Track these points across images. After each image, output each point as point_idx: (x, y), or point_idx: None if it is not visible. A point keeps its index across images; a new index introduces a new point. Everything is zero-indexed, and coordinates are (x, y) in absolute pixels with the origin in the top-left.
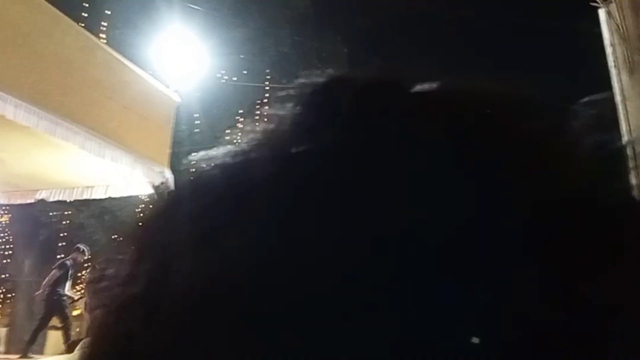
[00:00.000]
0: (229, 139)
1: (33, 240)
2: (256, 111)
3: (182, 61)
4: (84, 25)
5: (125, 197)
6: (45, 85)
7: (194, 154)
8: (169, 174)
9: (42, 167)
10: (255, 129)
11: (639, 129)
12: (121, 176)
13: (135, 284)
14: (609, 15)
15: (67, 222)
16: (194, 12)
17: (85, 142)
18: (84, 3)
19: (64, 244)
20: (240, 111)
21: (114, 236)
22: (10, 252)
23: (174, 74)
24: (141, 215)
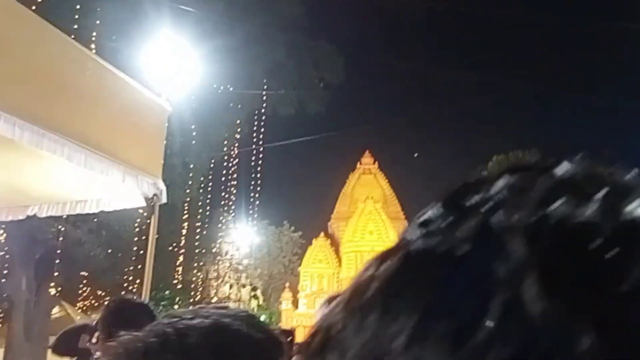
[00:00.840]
0: (226, 150)
1: (29, 258)
2: (254, 121)
3: (174, 69)
4: (73, 35)
5: (123, 211)
6: (30, 95)
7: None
8: (162, 185)
9: (31, 181)
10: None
11: None
12: (113, 189)
13: None
14: None
15: (63, 239)
16: (185, 20)
17: (72, 154)
18: (73, 13)
19: (60, 261)
20: (237, 121)
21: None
22: (6, 271)
23: (165, 82)
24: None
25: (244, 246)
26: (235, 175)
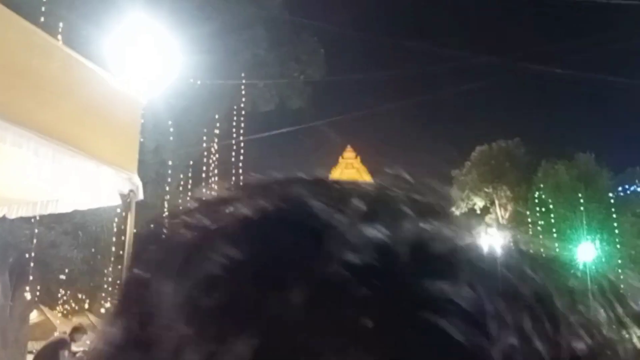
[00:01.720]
0: (206, 146)
1: (2, 263)
2: (234, 116)
3: (148, 60)
4: (39, 24)
5: (100, 211)
6: None
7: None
8: (137, 180)
9: None
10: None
11: None
12: (86, 186)
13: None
14: None
15: (37, 242)
16: (161, 12)
17: (39, 148)
18: (40, 4)
19: (35, 265)
20: (216, 116)
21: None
22: None
23: (139, 74)
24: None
25: None
26: (216, 172)
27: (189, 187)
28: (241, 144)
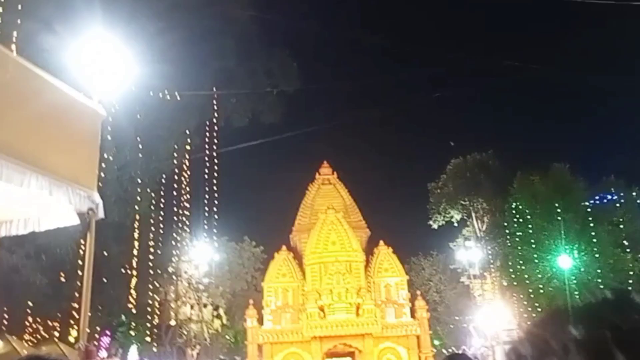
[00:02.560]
0: (177, 162)
1: None
2: (206, 132)
3: (109, 71)
4: None
5: (63, 232)
6: None
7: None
8: (97, 198)
9: None
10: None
11: None
12: (42, 205)
13: None
14: None
15: None
16: (126, 22)
17: None
18: None
19: None
20: (186, 131)
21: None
22: None
23: (98, 85)
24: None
25: (203, 264)
26: (189, 189)
27: (162, 204)
28: (214, 159)
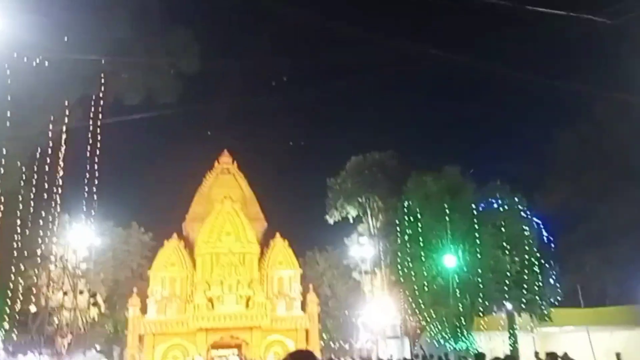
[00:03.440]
0: (53, 136)
1: None
2: (92, 105)
3: None
4: None
5: None
6: None
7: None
8: None
9: None
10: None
11: None
12: None
13: None
14: None
15: None
16: None
17: None
18: None
19: None
20: (65, 102)
21: None
22: None
23: None
24: None
25: (82, 249)
26: (65, 166)
27: (34, 180)
28: (97, 136)
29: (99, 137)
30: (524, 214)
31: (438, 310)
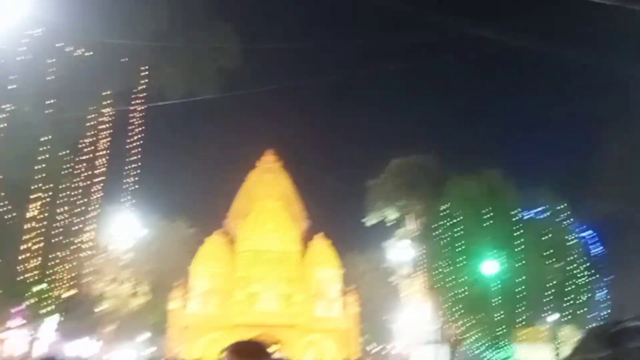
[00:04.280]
0: (98, 127)
1: None
2: (132, 99)
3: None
4: None
5: None
6: None
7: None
8: None
9: None
10: None
11: None
12: None
13: None
14: None
15: None
16: None
17: None
18: None
19: None
20: (104, 93)
21: None
22: None
23: None
24: None
25: (127, 240)
26: (108, 155)
27: (80, 169)
28: (141, 127)
29: (145, 132)
30: (569, 221)
31: (477, 318)
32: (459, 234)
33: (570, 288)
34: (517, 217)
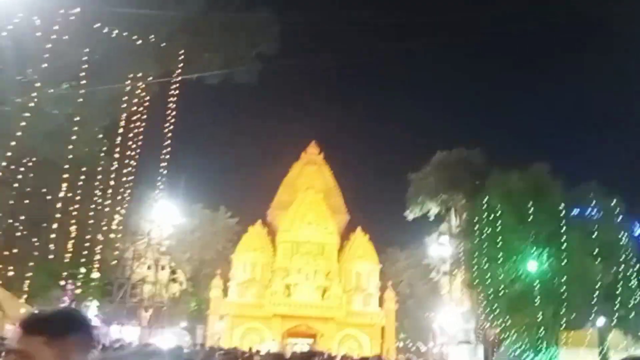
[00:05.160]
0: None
1: None
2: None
3: None
4: None
5: None
6: None
7: None
8: None
9: None
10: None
11: None
12: None
13: None
14: None
15: None
16: None
17: None
18: None
19: None
20: (130, 75)
21: None
22: None
23: None
24: None
25: (167, 226)
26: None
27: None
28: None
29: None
30: (621, 219)
31: (517, 318)
32: (502, 230)
33: (621, 290)
34: (563, 213)
